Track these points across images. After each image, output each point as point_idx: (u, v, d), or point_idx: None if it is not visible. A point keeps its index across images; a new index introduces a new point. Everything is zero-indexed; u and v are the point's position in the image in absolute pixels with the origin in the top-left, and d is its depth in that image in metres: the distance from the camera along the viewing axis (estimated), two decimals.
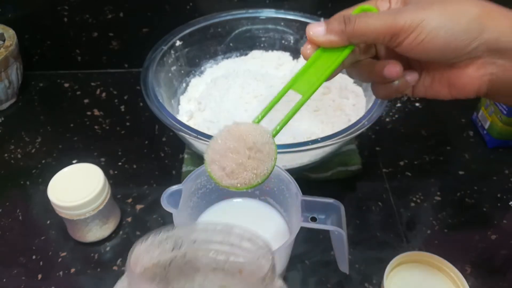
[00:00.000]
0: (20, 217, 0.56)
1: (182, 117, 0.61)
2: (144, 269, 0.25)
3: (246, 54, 0.71)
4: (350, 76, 0.37)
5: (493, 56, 0.29)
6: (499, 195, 0.58)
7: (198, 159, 0.59)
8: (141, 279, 0.24)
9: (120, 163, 0.62)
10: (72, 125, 0.69)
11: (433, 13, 0.29)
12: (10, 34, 0.69)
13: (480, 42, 0.29)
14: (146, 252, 0.25)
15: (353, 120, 0.56)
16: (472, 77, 0.31)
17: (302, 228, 0.40)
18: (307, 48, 0.31)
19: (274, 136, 0.34)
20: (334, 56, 0.31)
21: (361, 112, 0.58)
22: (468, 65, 0.30)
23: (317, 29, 0.30)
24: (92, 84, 0.76)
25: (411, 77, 0.33)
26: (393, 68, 0.32)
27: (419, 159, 0.63)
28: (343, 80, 0.65)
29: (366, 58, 0.35)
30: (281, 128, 0.35)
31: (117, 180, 0.59)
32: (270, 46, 0.71)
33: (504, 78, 0.30)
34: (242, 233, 0.27)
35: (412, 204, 0.57)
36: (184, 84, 0.67)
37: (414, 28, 0.28)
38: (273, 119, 0.60)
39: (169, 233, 0.27)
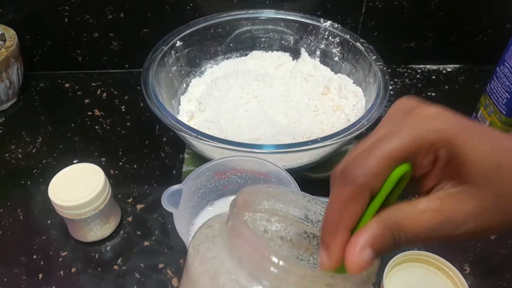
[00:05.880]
0: (21, 217, 0.56)
1: (183, 117, 0.61)
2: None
3: (246, 55, 0.71)
4: None
5: None
6: None
7: (199, 159, 0.59)
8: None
9: (120, 163, 0.62)
10: (72, 125, 0.69)
11: None
12: (10, 35, 0.70)
13: None
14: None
15: (353, 120, 0.56)
16: None
17: None
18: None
19: None
20: None
21: (360, 112, 0.58)
22: None
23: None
24: (93, 84, 0.77)
25: None
26: None
27: None
28: (343, 80, 0.65)
29: None
30: None
31: (117, 180, 0.59)
32: (270, 46, 0.71)
33: None
34: None
35: None
36: (184, 84, 0.68)
37: None
38: (273, 118, 0.59)
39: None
